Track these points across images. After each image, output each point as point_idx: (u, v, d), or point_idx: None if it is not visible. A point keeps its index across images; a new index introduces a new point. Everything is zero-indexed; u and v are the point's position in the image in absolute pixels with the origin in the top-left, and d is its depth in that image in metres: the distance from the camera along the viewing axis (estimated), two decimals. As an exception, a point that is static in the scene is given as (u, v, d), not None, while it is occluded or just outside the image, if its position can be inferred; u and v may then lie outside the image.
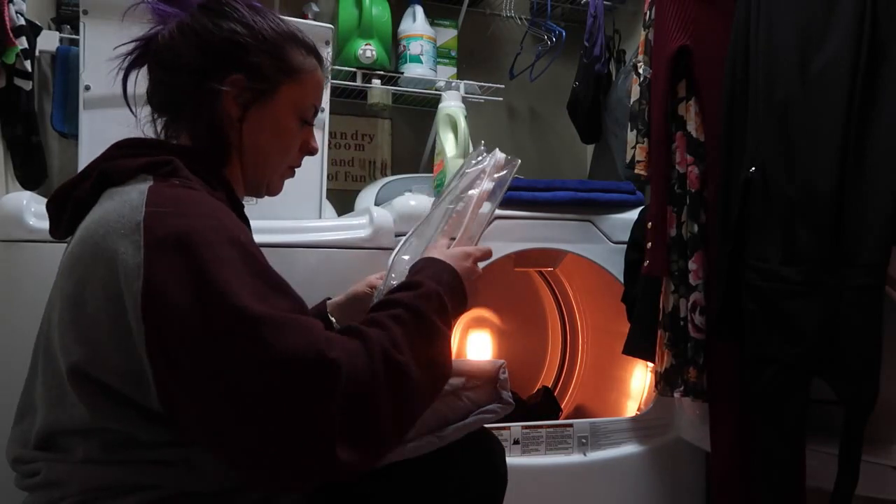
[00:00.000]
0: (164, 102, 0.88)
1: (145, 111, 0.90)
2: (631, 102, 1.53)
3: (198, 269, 0.66)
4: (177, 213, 0.70)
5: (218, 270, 0.66)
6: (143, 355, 0.66)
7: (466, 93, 1.95)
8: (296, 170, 0.98)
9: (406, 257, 0.97)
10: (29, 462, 0.77)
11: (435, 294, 0.80)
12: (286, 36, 0.89)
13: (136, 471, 0.72)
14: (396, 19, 2.00)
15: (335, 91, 1.91)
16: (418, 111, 2.14)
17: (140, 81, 0.91)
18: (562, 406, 1.92)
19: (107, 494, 0.72)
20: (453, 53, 2.11)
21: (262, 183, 0.93)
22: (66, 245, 0.84)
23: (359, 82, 1.88)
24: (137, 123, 0.90)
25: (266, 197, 0.97)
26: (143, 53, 0.88)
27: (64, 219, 0.82)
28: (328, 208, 1.66)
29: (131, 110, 0.91)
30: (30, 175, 1.46)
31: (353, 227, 1.36)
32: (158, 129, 0.90)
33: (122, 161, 0.79)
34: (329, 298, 1.13)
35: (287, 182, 0.98)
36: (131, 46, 0.88)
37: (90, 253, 0.71)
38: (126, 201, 0.72)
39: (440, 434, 0.86)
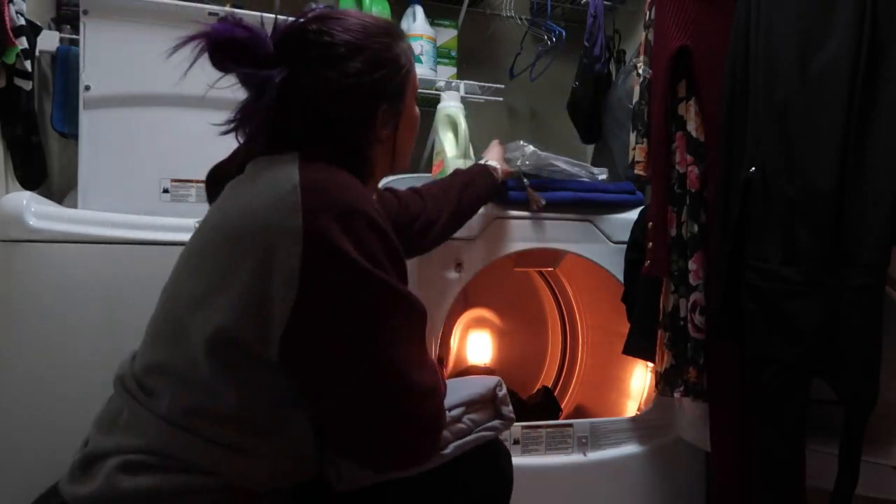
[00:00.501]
0: (303, 108, 0.87)
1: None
2: (631, 103, 1.53)
3: (361, 242, 0.74)
4: (330, 185, 0.78)
5: (381, 249, 0.76)
6: (279, 312, 0.72)
7: (466, 93, 1.95)
8: None
9: None
10: (134, 380, 0.81)
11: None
12: (384, 38, 0.90)
13: (198, 444, 0.75)
14: (396, 19, 2.00)
15: (335, 91, 1.90)
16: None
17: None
18: (562, 406, 1.92)
19: (164, 463, 0.75)
20: (453, 53, 2.11)
21: (401, 164, 0.99)
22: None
23: (359, 82, 1.88)
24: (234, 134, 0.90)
25: None
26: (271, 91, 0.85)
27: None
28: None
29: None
30: (30, 175, 1.46)
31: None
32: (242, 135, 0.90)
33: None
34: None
35: None
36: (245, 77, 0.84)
37: (249, 216, 0.77)
38: (282, 168, 0.79)
39: (443, 452, 0.89)
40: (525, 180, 1.51)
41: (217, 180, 0.93)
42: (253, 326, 0.73)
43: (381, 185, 1.13)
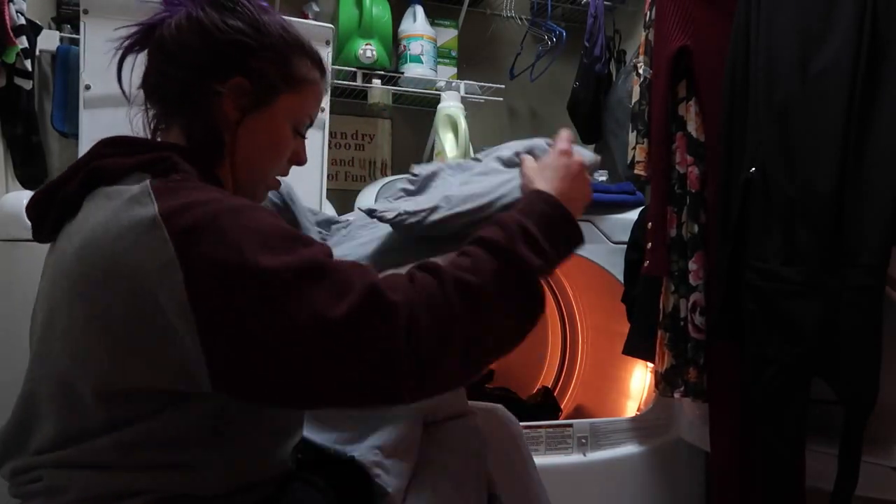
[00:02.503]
0: (161, 93, 0.85)
1: (137, 101, 0.87)
2: (631, 103, 1.53)
3: (237, 245, 0.65)
4: (192, 204, 0.68)
5: (257, 241, 0.66)
6: (190, 343, 0.65)
7: (466, 93, 1.95)
8: (297, 169, 0.97)
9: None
10: (29, 470, 0.76)
11: (517, 225, 0.77)
12: (294, 44, 0.87)
13: (139, 476, 0.71)
14: (397, 19, 2.00)
15: (335, 91, 1.90)
16: (418, 111, 2.14)
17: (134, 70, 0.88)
18: (562, 406, 1.92)
19: (106, 499, 0.71)
20: (453, 53, 2.11)
21: (248, 189, 0.90)
22: (49, 248, 0.81)
23: (359, 82, 1.88)
24: (128, 112, 0.87)
25: None
26: (145, 38, 0.85)
27: (48, 220, 0.79)
28: (328, 208, 1.66)
29: (125, 96, 0.88)
30: (30, 174, 1.46)
31: (354, 226, 1.36)
32: (150, 118, 0.87)
33: (113, 159, 0.77)
34: None
35: (288, 182, 0.97)
36: (133, 30, 0.85)
37: (105, 264, 0.68)
38: (131, 200, 0.70)
39: None
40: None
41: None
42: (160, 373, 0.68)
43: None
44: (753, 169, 1.20)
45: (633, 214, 1.58)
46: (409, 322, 0.66)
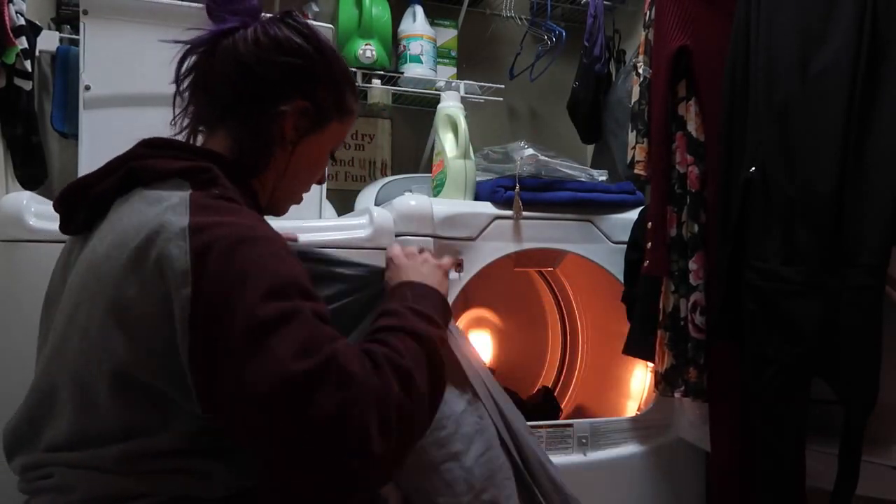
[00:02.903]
0: (218, 100, 0.86)
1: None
2: (631, 103, 1.53)
3: (242, 278, 0.67)
4: (221, 224, 0.70)
5: (265, 280, 0.67)
6: (184, 359, 0.66)
7: (466, 93, 1.95)
8: None
9: None
10: (40, 466, 0.76)
11: (421, 313, 0.81)
12: (347, 77, 0.92)
13: (145, 480, 0.72)
14: (396, 19, 2.00)
15: (335, 91, 1.90)
16: (418, 111, 2.14)
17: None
18: (562, 406, 1.92)
19: (113, 500, 0.72)
20: (453, 53, 2.11)
21: (281, 204, 0.94)
22: (73, 241, 0.83)
23: (359, 82, 1.88)
24: (174, 119, 0.89)
25: None
26: (214, 46, 0.85)
27: (79, 215, 0.81)
28: (328, 208, 1.66)
29: (179, 94, 0.89)
30: (30, 175, 1.46)
31: (354, 227, 1.36)
32: (187, 116, 0.88)
33: (155, 161, 0.78)
34: None
35: None
36: (205, 35, 0.86)
37: (133, 257, 0.70)
38: (168, 207, 0.71)
39: None
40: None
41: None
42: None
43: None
44: (753, 169, 1.20)
45: (633, 214, 1.58)
46: (363, 407, 0.65)
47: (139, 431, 0.71)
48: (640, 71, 1.48)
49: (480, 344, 1.97)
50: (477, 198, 1.59)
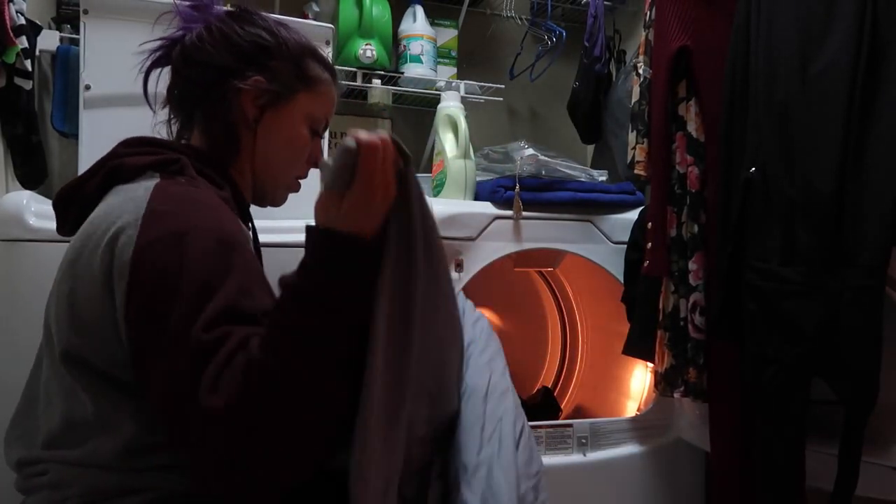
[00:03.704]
0: (183, 97, 0.90)
1: (160, 114, 0.94)
2: (631, 103, 1.53)
3: (178, 269, 0.68)
4: (176, 212, 0.73)
5: (192, 279, 0.68)
6: (122, 324, 0.69)
7: (466, 93, 1.95)
8: None
9: None
10: (36, 463, 0.77)
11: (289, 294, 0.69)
12: (307, 49, 0.92)
13: (140, 477, 0.73)
14: (396, 19, 2.00)
15: (335, 91, 1.90)
16: (418, 111, 2.14)
17: (151, 81, 0.93)
18: (562, 406, 1.92)
19: (108, 496, 0.73)
20: (453, 53, 2.11)
21: (268, 190, 0.94)
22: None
23: (359, 82, 1.88)
24: (153, 122, 0.93)
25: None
26: (168, 53, 0.90)
27: (70, 216, 0.84)
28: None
29: (151, 107, 0.93)
30: (30, 175, 1.46)
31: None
32: (173, 128, 0.93)
33: (130, 159, 0.81)
34: None
35: None
36: (157, 44, 0.91)
37: (91, 246, 0.73)
38: (131, 198, 0.74)
39: None
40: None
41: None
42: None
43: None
44: (753, 169, 1.20)
45: (633, 214, 1.58)
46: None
47: (112, 421, 0.72)
48: (640, 71, 1.48)
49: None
50: (477, 198, 1.59)
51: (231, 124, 0.88)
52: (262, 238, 1.00)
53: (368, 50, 1.84)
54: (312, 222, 0.72)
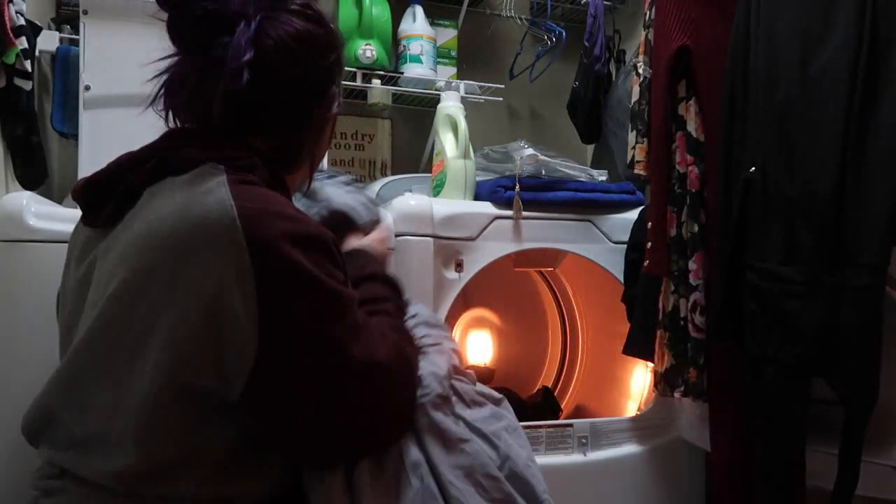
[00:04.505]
0: (252, 104, 0.79)
1: (160, 114, 0.83)
2: (631, 103, 1.53)
3: (309, 280, 0.70)
4: (271, 214, 0.69)
5: (323, 284, 0.71)
6: (250, 352, 0.67)
7: (466, 93, 1.95)
8: None
9: None
10: (54, 478, 0.76)
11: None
12: (342, 39, 0.89)
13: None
14: (396, 19, 2.00)
15: (335, 91, 1.90)
16: (418, 111, 2.14)
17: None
18: (562, 406, 1.92)
19: (115, 497, 0.72)
20: (453, 53, 2.11)
21: (301, 187, 0.93)
22: (90, 236, 0.80)
23: (359, 82, 1.88)
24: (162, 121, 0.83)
25: None
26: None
27: (108, 206, 0.77)
28: (328, 208, 1.66)
29: (164, 119, 0.83)
30: (30, 175, 1.46)
31: (353, 227, 1.36)
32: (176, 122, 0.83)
33: (186, 150, 0.76)
34: None
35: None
36: (247, 55, 0.75)
37: (176, 252, 0.68)
38: (206, 191, 0.70)
39: None
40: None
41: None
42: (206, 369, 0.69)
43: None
44: (753, 169, 1.20)
45: (633, 214, 1.58)
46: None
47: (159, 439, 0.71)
48: (640, 71, 1.48)
49: (481, 344, 1.97)
50: (477, 198, 1.59)
51: (301, 133, 0.84)
52: None
53: (368, 50, 1.84)
54: None
